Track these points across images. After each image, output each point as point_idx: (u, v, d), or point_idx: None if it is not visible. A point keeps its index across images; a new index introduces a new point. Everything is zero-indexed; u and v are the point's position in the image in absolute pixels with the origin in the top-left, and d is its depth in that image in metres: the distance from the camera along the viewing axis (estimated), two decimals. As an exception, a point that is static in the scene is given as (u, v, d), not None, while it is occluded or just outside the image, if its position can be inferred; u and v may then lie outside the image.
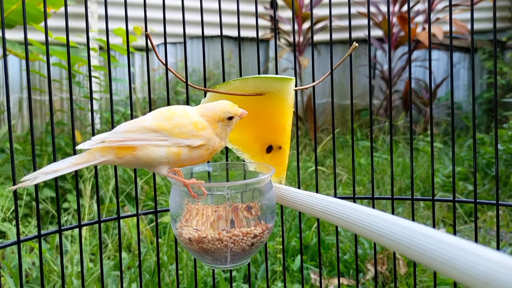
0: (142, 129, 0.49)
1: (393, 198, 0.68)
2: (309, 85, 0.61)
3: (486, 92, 3.56)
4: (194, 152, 0.50)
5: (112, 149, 0.48)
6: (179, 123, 0.49)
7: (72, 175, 1.90)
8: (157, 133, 0.49)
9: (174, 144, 0.49)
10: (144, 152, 0.48)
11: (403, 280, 1.39)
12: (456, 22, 2.98)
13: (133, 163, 0.49)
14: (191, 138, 0.49)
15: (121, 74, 2.97)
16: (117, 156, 0.48)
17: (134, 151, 0.48)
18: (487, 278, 0.28)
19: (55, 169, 0.46)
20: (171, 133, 0.49)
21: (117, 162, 0.48)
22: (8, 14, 1.47)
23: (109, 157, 0.48)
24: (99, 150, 0.48)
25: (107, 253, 1.40)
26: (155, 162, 0.48)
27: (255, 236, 0.51)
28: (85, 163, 0.47)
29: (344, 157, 2.73)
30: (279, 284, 1.31)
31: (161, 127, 0.49)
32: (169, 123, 0.49)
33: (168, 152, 0.48)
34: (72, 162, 0.47)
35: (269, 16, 3.37)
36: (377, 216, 0.39)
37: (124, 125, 0.49)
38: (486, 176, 2.33)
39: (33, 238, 0.60)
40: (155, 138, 0.48)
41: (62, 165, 0.46)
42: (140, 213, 0.67)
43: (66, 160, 0.47)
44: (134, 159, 0.48)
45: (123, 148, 0.48)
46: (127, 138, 0.48)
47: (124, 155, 0.48)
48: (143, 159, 0.48)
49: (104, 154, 0.48)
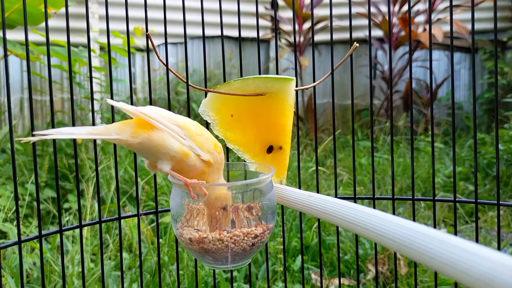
0: (169, 118, 0.50)
1: (394, 198, 0.68)
2: (309, 85, 0.61)
3: (487, 92, 3.55)
4: (199, 163, 0.50)
5: (129, 127, 0.48)
6: (204, 134, 0.51)
7: (74, 176, 1.91)
8: (181, 129, 0.50)
9: (188, 146, 0.50)
10: (159, 136, 0.48)
11: (404, 280, 1.39)
12: (457, 23, 2.98)
13: (144, 145, 0.49)
14: (205, 151, 0.51)
15: (121, 74, 2.97)
16: (132, 135, 0.48)
17: (151, 131, 0.48)
18: (488, 278, 0.28)
19: (71, 132, 0.46)
20: (192, 136, 0.50)
21: (130, 141, 0.48)
22: (9, 14, 1.47)
23: (124, 136, 0.48)
24: (115, 127, 0.48)
25: (108, 253, 1.40)
26: (164, 151, 0.49)
27: (256, 236, 0.51)
28: (99, 135, 0.47)
29: (345, 157, 2.72)
30: (280, 284, 1.31)
31: (186, 126, 0.50)
32: (195, 129, 0.51)
33: (179, 148, 0.49)
34: (88, 131, 0.47)
35: (269, 16, 3.37)
36: (378, 216, 0.39)
37: (156, 108, 0.50)
38: (487, 176, 2.33)
39: (34, 238, 0.60)
40: (177, 131, 0.49)
41: (77, 130, 0.46)
42: (141, 213, 0.67)
43: (83, 128, 0.47)
44: (147, 140, 0.48)
45: (141, 127, 0.48)
46: (155, 117, 0.48)
47: (139, 134, 0.48)
48: (156, 142, 0.48)
49: (120, 132, 0.48)
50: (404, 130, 3.13)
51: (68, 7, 0.60)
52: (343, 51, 3.45)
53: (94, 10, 2.65)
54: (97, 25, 2.64)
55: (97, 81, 2.27)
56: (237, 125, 0.60)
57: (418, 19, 3.32)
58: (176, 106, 2.93)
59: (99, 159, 1.95)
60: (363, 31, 3.33)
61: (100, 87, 2.30)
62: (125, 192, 1.85)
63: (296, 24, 2.82)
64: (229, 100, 0.59)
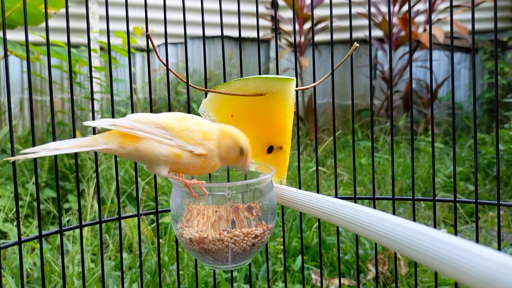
0: (151, 122, 0.49)
1: (394, 198, 0.68)
2: (310, 86, 0.61)
3: (487, 92, 3.55)
4: (194, 159, 0.50)
5: (117, 137, 0.48)
6: (189, 127, 0.50)
7: (74, 176, 1.91)
8: (165, 131, 0.49)
9: (177, 146, 0.49)
10: (146, 146, 0.48)
11: (404, 281, 1.39)
12: (457, 23, 2.98)
13: (134, 155, 0.48)
14: (195, 144, 0.49)
15: (122, 74, 2.97)
16: (120, 145, 0.48)
17: (137, 142, 0.48)
18: (488, 278, 0.28)
19: (57, 147, 0.45)
20: (178, 134, 0.49)
21: (119, 151, 0.48)
22: (9, 14, 1.47)
23: (112, 145, 0.48)
24: (103, 136, 0.48)
25: (108, 254, 1.40)
26: (155, 159, 0.48)
27: (256, 237, 0.51)
28: (87, 146, 0.47)
29: (345, 157, 2.72)
30: (280, 285, 1.31)
31: (170, 126, 0.49)
32: (179, 125, 0.49)
33: (169, 152, 0.48)
34: (75, 144, 0.46)
35: (270, 16, 3.37)
36: (378, 217, 0.39)
37: (136, 115, 0.50)
38: (487, 176, 2.33)
39: (34, 238, 0.60)
40: (161, 135, 0.48)
41: (64, 144, 0.46)
42: (141, 214, 0.67)
43: (69, 141, 0.46)
44: (135, 151, 0.48)
45: (127, 138, 0.48)
46: (135, 127, 0.48)
47: (127, 145, 0.48)
48: (144, 152, 0.48)
49: (108, 142, 0.48)
50: (404, 130, 3.13)
51: (68, 7, 0.60)
52: (343, 51, 3.45)
53: (95, 10, 2.65)
54: (97, 25, 2.64)
55: (97, 81, 2.27)
56: (237, 125, 0.60)
57: (418, 19, 3.32)
58: (176, 106, 2.93)
59: (99, 159, 1.95)
60: (363, 31, 3.33)
61: (100, 87, 2.30)
62: (125, 192, 1.85)
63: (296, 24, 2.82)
64: (229, 100, 0.59)
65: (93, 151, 0.48)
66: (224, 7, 0.73)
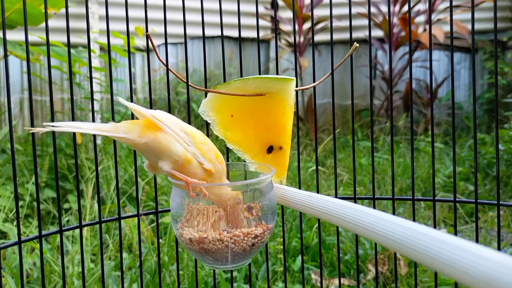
0: (177, 123, 0.51)
1: (394, 199, 0.68)
2: (310, 86, 0.61)
3: (487, 92, 3.55)
4: (199, 171, 0.51)
5: (138, 127, 0.49)
6: (207, 143, 0.52)
7: (74, 176, 1.91)
8: (186, 136, 0.51)
9: (192, 153, 0.50)
10: (165, 139, 0.49)
11: (404, 281, 1.39)
12: (457, 23, 2.98)
13: (150, 146, 0.49)
14: (207, 160, 0.51)
15: (121, 74, 2.97)
16: (139, 135, 0.48)
17: (158, 133, 0.49)
18: (488, 278, 0.28)
19: (79, 127, 0.46)
20: (196, 144, 0.51)
21: (136, 141, 0.48)
22: (9, 14, 1.47)
23: (131, 135, 0.48)
24: (124, 125, 0.49)
25: (108, 254, 1.40)
26: (168, 154, 0.49)
27: (256, 237, 0.51)
28: (108, 132, 0.48)
29: (345, 157, 2.72)
30: (280, 285, 1.31)
31: (192, 134, 0.51)
32: (199, 138, 0.51)
33: (183, 153, 0.50)
34: (96, 127, 0.47)
35: (269, 16, 3.38)
36: (378, 217, 0.39)
37: (165, 113, 0.51)
38: (487, 177, 2.33)
39: (34, 238, 0.60)
40: (183, 137, 0.50)
41: (86, 125, 0.47)
42: (141, 214, 0.67)
43: (91, 123, 0.48)
44: (153, 141, 0.49)
45: (149, 127, 0.49)
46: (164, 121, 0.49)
47: (147, 134, 0.49)
48: (161, 144, 0.49)
49: (128, 131, 0.48)
50: (404, 130, 3.13)
51: (68, 8, 0.60)
52: (343, 51, 3.45)
53: (94, 10, 2.65)
54: (97, 25, 2.64)
55: (97, 81, 2.27)
56: (237, 125, 0.60)
57: (418, 19, 3.32)
58: (176, 106, 2.93)
59: (99, 159, 1.95)
60: (363, 31, 3.33)
61: (100, 87, 2.30)
62: (125, 192, 1.85)
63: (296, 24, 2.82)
64: (229, 100, 0.59)
65: (112, 137, 0.49)
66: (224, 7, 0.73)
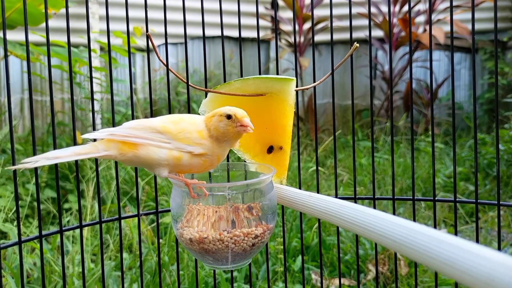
0: (147, 128, 0.49)
1: (394, 199, 0.68)
2: (310, 86, 0.61)
3: (487, 92, 3.55)
4: (194, 159, 0.50)
5: (116, 145, 0.48)
6: (185, 128, 0.49)
7: (74, 176, 1.91)
8: (162, 135, 0.49)
9: (176, 148, 0.49)
10: (145, 152, 0.48)
11: (404, 281, 1.39)
12: (457, 23, 2.98)
13: (134, 161, 0.49)
14: (194, 145, 0.49)
15: (122, 74, 2.97)
16: (120, 152, 0.48)
17: (136, 149, 0.48)
18: (488, 278, 0.28)
19: (57, 156, 0.46)
20: (175, 137, 0.49)
21: (119, 158, 0.48)
22: (9, 14, 1.47)
23: (112, 152, 0.48)
24: (103, 143, 0.48)
25: (108, 254, 1.40)
26: (155, 163, 0.49)
27: (256, 237, 0.51)
28: (87, 154, 0.47)
29: (345, 157, 2.72)
30: (280, 285, 1.31)
31: (166, 129, 0.49)
32: (175, 127, 0.49)
33: (169, 155, 0.49)
34: (74, 152, 0.47)
35: (270, 16, 3.37)
36: (378, 217, 0.39)
37: (131, 122, 0.50)
38: (487, 177, 2.33)
39: (34, 238, 0.60)
40: (158, 139, 0.49)
41: (64, 153, 0.46)
42: (141, 214, 0.67)
43: (68, 149, 0.47)
44: (135, 157, 0.48)
45: (126, 145, 0.48)
46: (132, 134, 0.48)
47: (126, 152, 0.48)
48: (144, 158, 0.48)
49: (107, 149, 0.48)
50: (404, 130, 3.13)
51: (68, 8, 0.60)
52: (343, 51, 3.45)
53: (95, 10, 2.65)
54: (97, 25, 2.64)
55: (97, 81, 2.27)
56: (237, 125, 0.60)
57: (418, 20, 3.32)
58: (177, 106, 2.93)
59: (99, 160, 1.95)
60: (364, 31, 3.33)
61: (100, 87, 2.30)
62: (126, 193, 1.85)
63: (296, 24, 2.82)
64: (229, 100, 0.59)
65: (93, 158, 0.48)
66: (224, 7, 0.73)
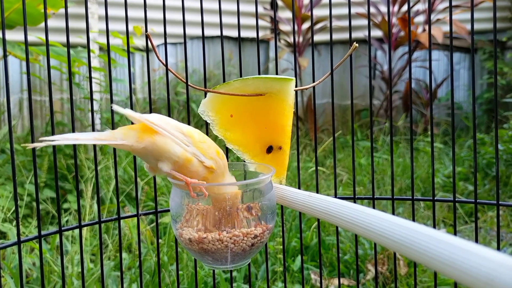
0: (174, 126, 0.51)
1: (394, 199, 0.68)
2: (309, 86, 0.61)
3: (486, 92, 3.56)
4: (201, 169, 0.51)
5: (134, 132, 0.49)
6: (207, 142, 0.52)
7: (73, 176, 1.90)
8: (184, 137, 0.50)
9: (191, 152, 0.50)
10: (163, 141, 0.49)
11: (404, 281, 1.39)
12: (456, 23, 2.98)
13: (148, 150, 0.49)
14: (208, 158, 0.51)
15: (121, 74, 2.97)
16: (137, 140, 0.48)
17: (155, 136, 0.49)
18: (487, 278, 0.28)
19: (77, 138, 0.46)
20: (195, 143, 0.51)
21: (134, 146, 0.48)
22: (8, 14, 1.47)
23: (129, 141, 0.48)
24: (121, 132, 0.49)
25: (107, 254, 1.40)
26: (167, 156, 0.49)
27: (255, 237, 0.51)
28: (105, 140, 0.48)
29: (345, 157, 2.73)
30: (279, 285, 1.31)
31: (190, 134, 0.51)
32: (198, 137, 0.51)
33: (182, 153, 0.50)
34: (94, 137, 0.47)
35: (269, 17, 3.37)
36: (377, 217, 0.39)
37: (160, 115, 0.51)
38: (486, 176, 2.33)
39: (34, 238, 0.60)
40: (181, 138, 0.50)
41: (84, 136, 0.47)
42: (141, 214, 0.67)
43: (88, 133, 0.47)
44: (151, 145, 0.49)
45: (145, 131, 0.49)
46: (159, 123, 0.49)
47: (144, 138, 0.49)
48: (160, 147, 0.49)
49: (125, 138, 0.48)
50: (403, 130, 3.13)
51: (67, 8, 0.60)
52: (343, 51, 3.45)
53: (94, 10, 2.65)
54: (96, 25, 2.64)
55: (97, 81, 2.27)
56: (237, 125, 0.60)
57: (417, 20, 3.33)
58: (176, 106, 2.93)
59: (98, 159, 1.95)
60: (363, 31, 3.33)
61: (100, 87, 2.30)
62: (125, 192, 1.85)
63: (295, 24, 2.82)
64: (228, 100, 0.59)
65: (110, 145, 0.49)
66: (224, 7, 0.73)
